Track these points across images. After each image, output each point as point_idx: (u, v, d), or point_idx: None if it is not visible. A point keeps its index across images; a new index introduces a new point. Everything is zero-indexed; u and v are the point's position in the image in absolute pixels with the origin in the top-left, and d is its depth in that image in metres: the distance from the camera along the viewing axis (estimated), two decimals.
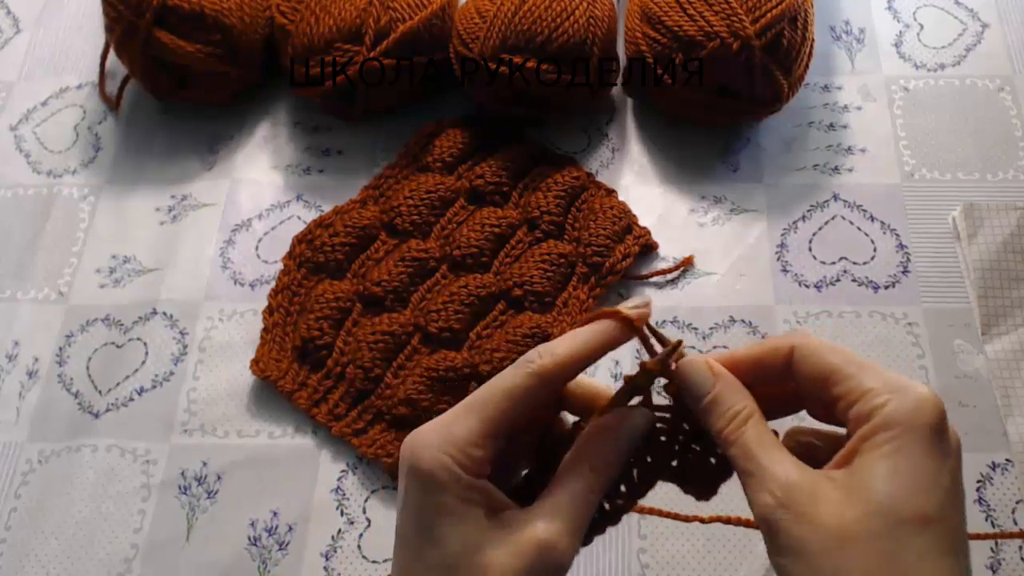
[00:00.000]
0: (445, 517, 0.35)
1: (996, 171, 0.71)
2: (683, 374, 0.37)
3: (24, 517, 0.62)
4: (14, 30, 0.86)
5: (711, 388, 0.37)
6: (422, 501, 0.36)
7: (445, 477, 0.35)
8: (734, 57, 0.65)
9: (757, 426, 0.36)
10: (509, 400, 0.36)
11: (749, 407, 0.36)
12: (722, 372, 0.37)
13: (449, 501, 0.35)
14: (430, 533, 0.35)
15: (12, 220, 0.75)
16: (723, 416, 0.36)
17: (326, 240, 0.69)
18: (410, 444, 0.36)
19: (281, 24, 0.73)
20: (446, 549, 0.35)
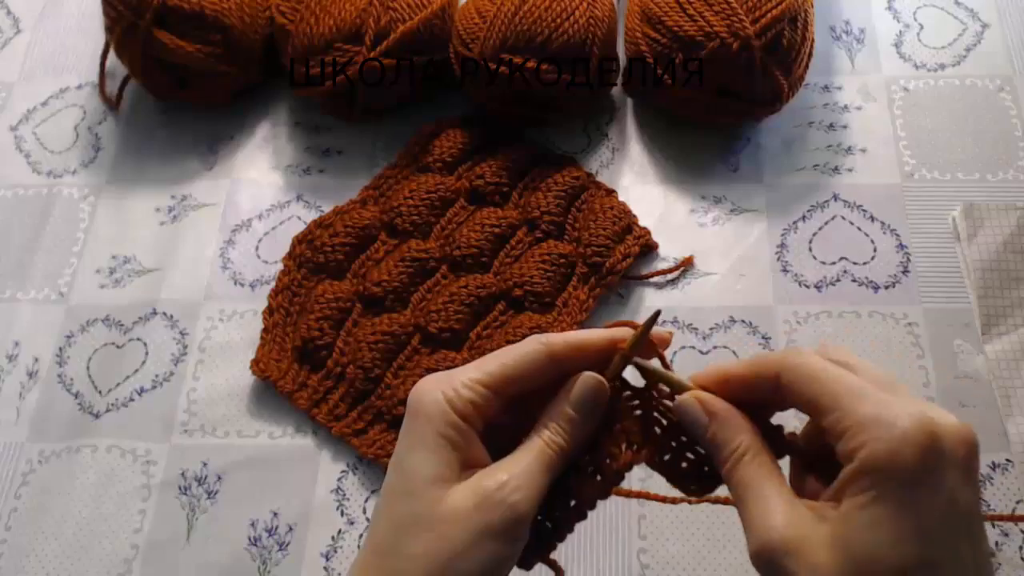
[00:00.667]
0: (419, 446, 0.37)
1: (996, 171, 0.71)
2: (680, 415, 0.38)
3: (24, 517, 0.62)
4: (14, 30, 0.86)
5: (706, 427, 0.37)
6: (406, 429, 0.38)
7: (432, 410, 0.37)
8: (734, 57, 0.65)
9: (752, 463, 0.36)
10: (510, 358, 0.38)
11: (744, 442, 0.36)
12: (716, 409, 0.37)
13: (428, 432, 0.36)
14: (401, 461, 0.37)
15: (12, 220, 0.75)
16: (720, 454, 0.37)
17: (326, 240, 0.69)
18: (416, 384, 0.38)
19: (281, 24, 0.73)
20: (409, 475, 0.36)
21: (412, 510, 0.36)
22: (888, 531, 0.31)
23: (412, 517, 0.36)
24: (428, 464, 0.36)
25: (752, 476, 0.35)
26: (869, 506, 0.31)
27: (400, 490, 0.37)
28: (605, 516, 0.59)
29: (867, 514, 0.31)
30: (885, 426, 0.32)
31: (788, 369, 0.35)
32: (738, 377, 0.38)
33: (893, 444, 0.31)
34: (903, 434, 0.31)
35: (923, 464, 0.31)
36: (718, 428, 0.37)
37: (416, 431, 0.37)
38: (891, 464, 0.31)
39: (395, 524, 0.36)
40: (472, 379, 0.37)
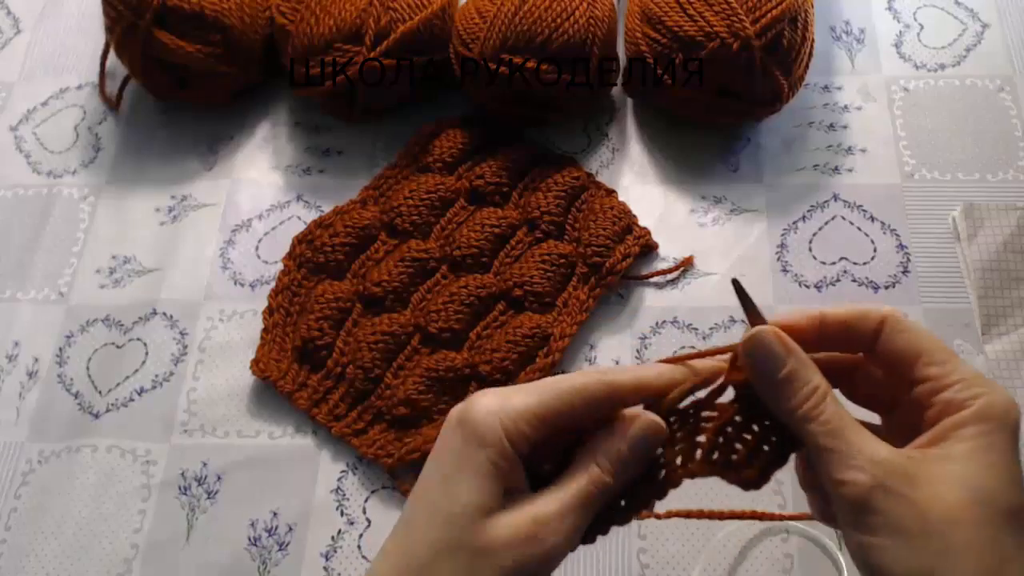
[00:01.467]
0: (471, 471, 0.36)
1: (996, 171, 0.71)
2: (753, 348, 0.36)
3: (24, 517, 0.62)
4: (14, 30, 0.86)
5: (785, 364, 0.36)
6: (459, 450, 0.36)
7: (489, 437, 0.36)
8: (734, 57, 0.65)
9: (836, 403, 0.35)
10: (573, 394, 0.37)
11: (825, 384, 0.36)
12: (795, 347, 0.36)
13: (482, 459, 0.36)
14: (450, 481, 0.36)
15: (12, 220, 0.75)
16: (799, 393, 0.35)
17: (326, 240, 0.69)
18: (469, 402, 0.37)
19: (281, 24, 0.73)
20: (456, 500, 0.36)
21: (453, 536, 0.35)
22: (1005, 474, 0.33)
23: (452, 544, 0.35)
24: (477, 493, 0.36)
25: (841, 414, 0.35)
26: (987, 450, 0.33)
27: (444, 512, 0.36)
28: None
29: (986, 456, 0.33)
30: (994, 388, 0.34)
31: (894, 319, 0.37)
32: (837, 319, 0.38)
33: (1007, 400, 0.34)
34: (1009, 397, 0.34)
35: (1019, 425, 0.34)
36: (798, 364, 0.36)
37: (469, 455, 0.36)
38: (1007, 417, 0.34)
39: (431, 546, 0.36)
40: (531, 411, 0.36)
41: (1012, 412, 0.34)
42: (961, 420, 0.34)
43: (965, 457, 0.33)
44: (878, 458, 0.33)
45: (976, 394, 0.34)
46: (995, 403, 0.34)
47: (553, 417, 0.37)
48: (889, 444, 0.35)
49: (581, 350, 0.66)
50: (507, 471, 0.36)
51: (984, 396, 0.34)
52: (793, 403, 0.35)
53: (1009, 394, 0.35)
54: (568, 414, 0.37)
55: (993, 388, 0.34)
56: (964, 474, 0.33)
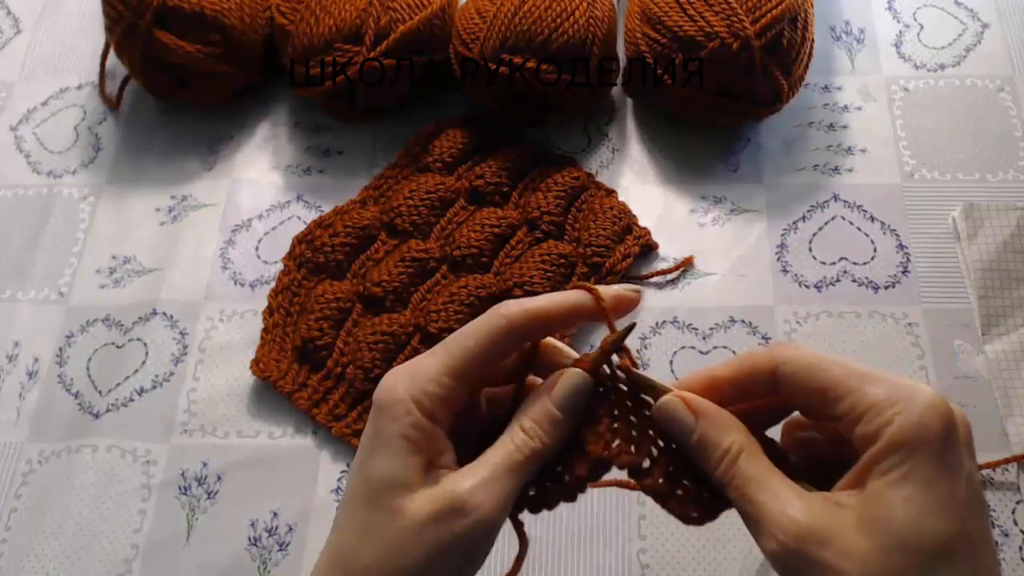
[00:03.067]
0: (382, 448, 0.35)
1: (996, 171, 0.71)
2: (662, 417, 0.35)
3: (24, 517, 0.62)
4: (14, 30, 0.86)
5: (694, 429, 0.35)
6: (371, 429, 0.36)
7: (397, 410, 0.35)
8: (734, 57, 0.65)
9: (751, 461, 0.33)
10: (474, 339, 0.36)
11: (738, 441, 0.34)
12: (703, 408, 0.35)
13: (391, 433, 0.35)
14: (365, 463, 0.35)
15: (12, 220, 0.75)
16: (712, 457, 0.34)
17: (326, 240, 0.69)
18: (382, 380, 0.36)
19: (281, 24, 0.73)
20: (372, 481, 0.35)
21: (372, 518, 0.34)
22: (924, 506, 0.30)
23: (371, 525, 0.34)
24: (390, 468, 0.34)
25: (756, 473, 0.33)
26: (902, 483, 0.30)
27: (361, 495, 0.35)
28: (605, 516, 0.59)
29: (901, 491, 0.30)
30: (907, 401, 0.31)
31: (786, 361, 0.34)
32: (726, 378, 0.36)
33: (920, 417, 0.31)
34: (927, 406, 0.31)
35: (948, 435, 0.31)
36: (707, 427, 0.34)
37: (380, 432, 0.35)
38: (921, 436, 0.30)
39: (354, 531, 0.35)
40: (438, 372, 0.35)
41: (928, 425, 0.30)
42: (876, 454, 0.31)
43: (881, 497, 0.31)
44: (787, 523, 0.31)
45: (885, 420, 0.31)
46: (905, 424, 0.31)
47: (462, 370, 0.35)
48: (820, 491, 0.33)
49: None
50: (423, 443, 0.35)
51: (894, 419, 0.31)
52: (709, 467, 0.34)
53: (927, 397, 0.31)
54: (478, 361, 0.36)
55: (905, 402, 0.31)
56: (882, 516, 0.30)
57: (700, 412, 0.35)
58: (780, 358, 0.34)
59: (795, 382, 0.34)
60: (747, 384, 0.35)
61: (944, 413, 0.31)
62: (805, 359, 0.34)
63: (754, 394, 0.36)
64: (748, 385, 0.36)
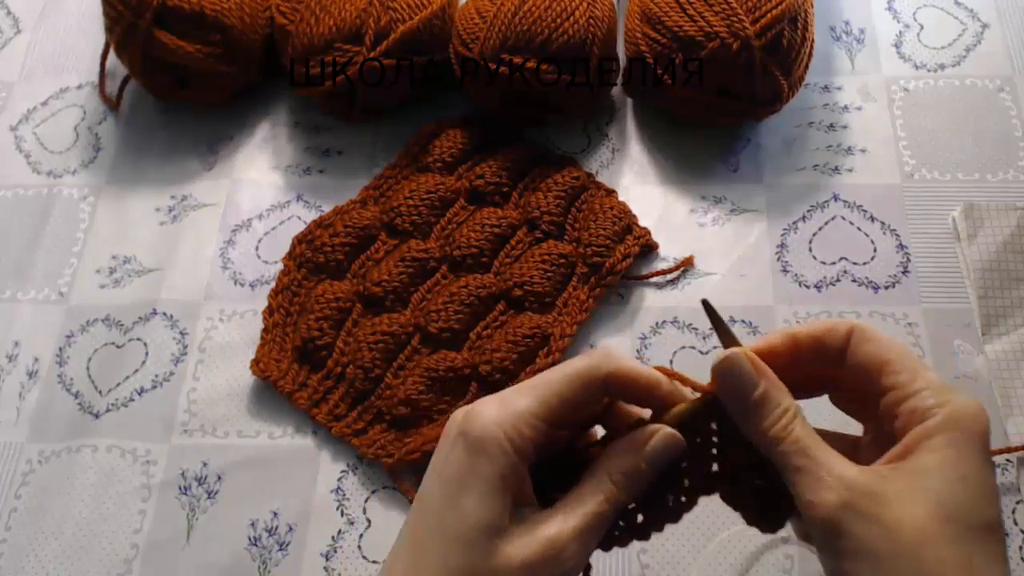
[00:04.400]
0: (479, 488, 0.34)
1: (996, 171, 0.71)
2: (726, 371, 0.36)
3: (24, 517, 0.62)
4: (14, 30, 0.86)
5: (757, 385, 0.36)
6: (464, 465, 0.35)
7: (494, 449, 0.35)
8: (734, 57, 0.65)
9: (805, 425, 0.35)
10: (569, 384, 0.36)
11: (795, 405, 0.36)
12: (766, 369, 0.36)
13: (490, 474, 0.34)
14: (458, 501, 0.35)
15: (12, 220, 0.75)
16: (771, 414, 0.35)
17: (326, 240, 0.69)
18: (466, 411, 0.36)
19: (281, 24, 0.73)
20: (468, 520, 0.34)
21: (468, 559, 0.34)
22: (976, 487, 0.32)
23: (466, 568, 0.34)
24: (487, 511, 0.34)
25: (810, 434, 0.35)
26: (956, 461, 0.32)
27: (454, 534, 0.35)
28: None
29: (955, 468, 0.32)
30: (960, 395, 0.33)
31: (860, 329, 0.36)
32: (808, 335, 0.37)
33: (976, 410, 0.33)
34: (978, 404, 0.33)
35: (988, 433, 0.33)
36: (770, 386, 0.36)
37: (475, 470, 0.35)
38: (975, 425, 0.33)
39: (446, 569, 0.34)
40: (532, 414, 0.35)
41: (980, 419, 0.33)
42: (929, 429, 0.33)
43: (935, 470, 0.32)
44: (846, 478, 0.33)
45: (942, 401, 0.33)
46: (962, 410, 0.33)
47: (551, 412, 0.36)
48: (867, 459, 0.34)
49: (581, 350, 0.66)
50: (513, 483, 0.35)
51: (950, 403, 0.33)
52: (765, 424, 0.35)
53: (977, 402, 0.34)
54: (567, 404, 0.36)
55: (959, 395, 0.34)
56: (935, 488, 0.32)
57: (763, 371, 0.36)
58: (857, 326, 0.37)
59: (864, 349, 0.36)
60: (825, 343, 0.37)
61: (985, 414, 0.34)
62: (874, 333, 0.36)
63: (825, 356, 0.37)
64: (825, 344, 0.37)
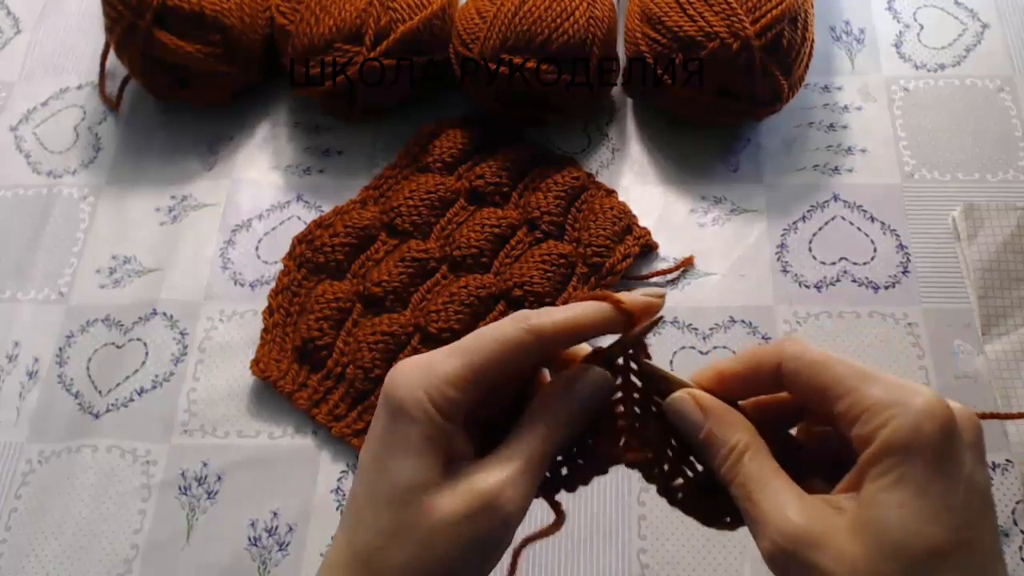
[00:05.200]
0: (403, 450, 0.34)
1: (996, 171, 0.71)
2: (671, 413, 0.36)
3: (24, 517, 0.62)
4: (14, 30, 0.86)
5: (702, 425, 0.35)
6: (387, 430, 0.35)
7: (416, 412, 0.34)
8: (734, 57, 0.65)
9: (755, 460, 0.34)
10: (498, 350, 0.35)
11: (743, 440, 0.35)
12: (711, 406, 0.36)
13: (412, 436, 0.34)
14: (385, 464, 0.35)
15: (12, 220, 0.75)
16: (718, 454, 0.35)
17: (326, 240, 0.69)
18: (391, 374, 0.36)
19: (281, 24, 0.73)
20: (396, 482, 0.34)
21: (399, 519, 0.34)
22: (918, 512, 0.30)
23: (398, 526, 0.34)
24: (414, 470, 0.34)
25: (757, 472, 0.34)
26: (895, 487, 0.30)
27: (384, 496, 0.35)
28: (605, 516, 0.59)
29: (894, 496, 0.30)
30: (904, 404, 0.31)
31: (789, 358, 0.34)
32: (733, 372, 0.36)
33: (915, 420, 0.30)
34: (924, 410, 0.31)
35: (945, 440, 0.30)
36: (715, 425, 0.35)
37: (399, 433, 0.35)
38: (915, 441, 0.30)
39: (380, 532, 0.35)
40: (457, 376, 0.35)
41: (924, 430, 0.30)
42: (871, 456, 0.31)
43: (874, 502, 0.31)
44: (782, 524, 0.32)
45: (881, 422, 0.31)
46: (900, 428, 0.30)
47: (479, 375, 0.35)
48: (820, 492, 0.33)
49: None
50: (442, 442, 0.35)
51: (889, 422, 0.31)
52: (714, 464, 0.35)
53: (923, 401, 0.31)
54: (495, 369, 0.35)
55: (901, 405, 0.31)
56: (874, 521, 0.30)
57: (709, 410, 0.35)
58: (785, 354, 0.35)
59: (797, 379, 0.34)
60: (753, 379, 0.36)
61: (941, 416, 0.31)
62: (810, 356, 0.34)
63: (760, 390, 0.36)
64: (754, 380, 0.36)
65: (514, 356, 0.35)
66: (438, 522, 0.34)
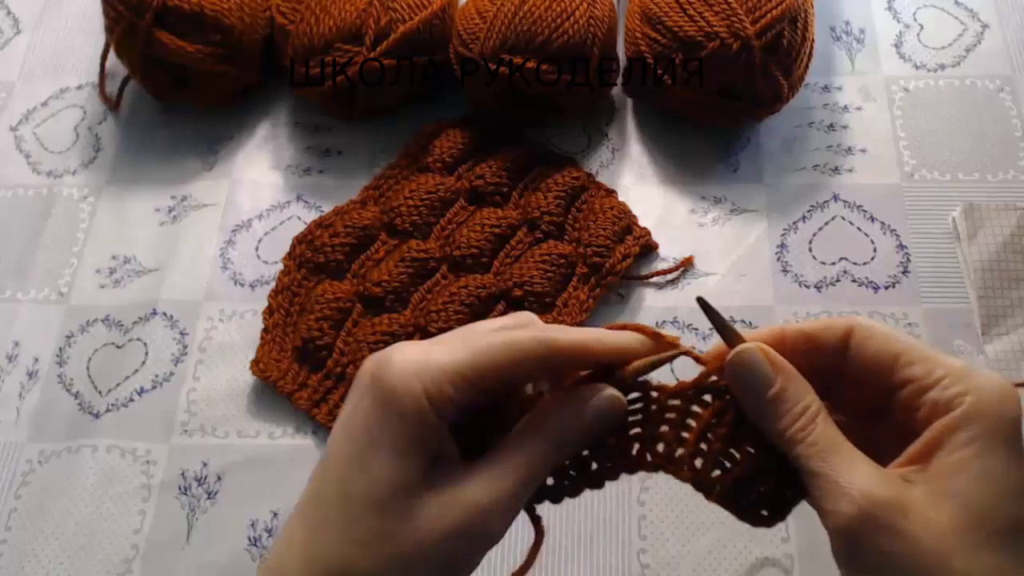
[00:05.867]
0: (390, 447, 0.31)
1: (996, 171, 0.71)
2: (738, 366, 0.33)
3: (24, 518, 0.62)
4: (14, 31, 0.86)
5: (772, 382, 0.33)
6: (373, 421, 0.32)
7: (410, 405, 0.31)
8: (734, 57, 0.65)
9: (827, 423, 0.32)
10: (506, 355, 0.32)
11: (817, 402, 0.33)
12: (783, 363, 0.33)
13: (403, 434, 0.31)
14: (367, 460, 0.31)
15: (12, 220, 0.75)
16: (789, 413, 0.32)
17: (326, 240, 0.69)
18: (382, 358, 0.32)
19: (281, 24, 0.73)
20: (378, 482, 0.31)
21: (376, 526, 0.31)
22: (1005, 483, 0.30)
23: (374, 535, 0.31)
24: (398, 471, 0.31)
25: (834, 436, 0.32)
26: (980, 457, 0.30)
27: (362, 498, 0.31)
28: (605, 516, 0.59)
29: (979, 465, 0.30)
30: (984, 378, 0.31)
31: (862, 326, 0.34)
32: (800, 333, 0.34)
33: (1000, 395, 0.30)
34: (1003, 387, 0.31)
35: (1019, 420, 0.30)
36: (786, 382, 0.33)
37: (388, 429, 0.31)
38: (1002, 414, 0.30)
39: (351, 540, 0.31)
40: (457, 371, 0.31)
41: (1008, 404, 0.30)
42: (951, 424, 0.30)
43: (959, 469, 0.30)
44: (867, 486, 0.30)
45: (964, 390, 0.31)
46: (985, 399, 0.30)
47: (482, 378, 0.32)
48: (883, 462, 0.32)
49: None
50: (431, 442, 0.31)
51: (973, 392, 0.30)
52: (782, 424, 0.33)
53: (1004, 382, 0.31)
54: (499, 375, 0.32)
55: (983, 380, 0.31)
56: (959, 490, 0.30)
57: (780, 367, 0.33)
58: (857, 322, 0.34)
59: (867, 344, 0.33)
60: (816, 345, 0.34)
61: (1016, 399, 0.31)
62: (878, 326, 0.34)
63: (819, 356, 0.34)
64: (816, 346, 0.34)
65: (521, 365, 0.33)
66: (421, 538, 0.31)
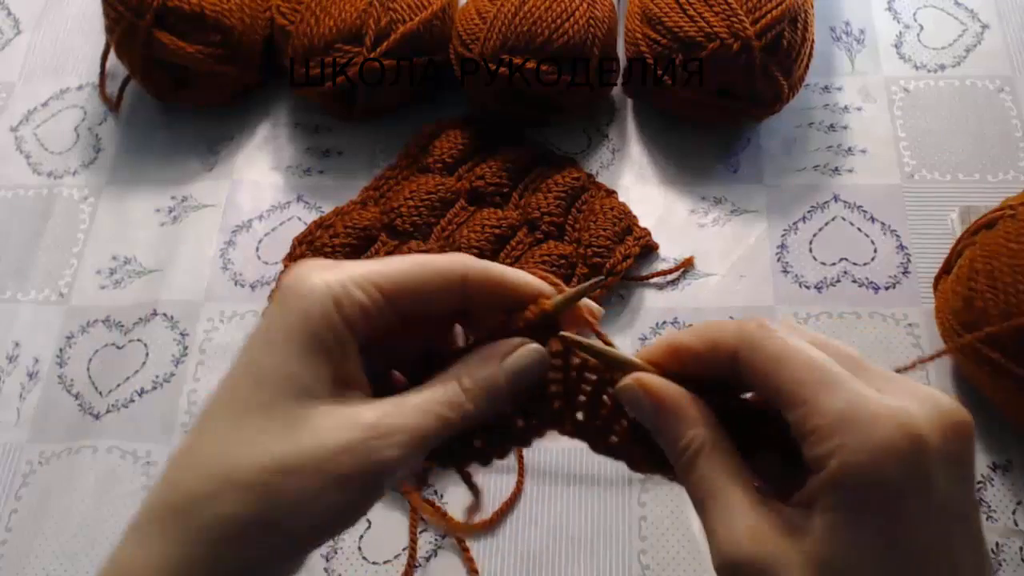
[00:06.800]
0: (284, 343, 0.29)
1: (996, 172, 0.71)
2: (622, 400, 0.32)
3: (24, 518, 0.62)
4: (14, 31, 0.86)
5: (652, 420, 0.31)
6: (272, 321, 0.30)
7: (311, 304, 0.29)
8: (734, 58, 0.65)
9: (709, 462, 0.30)
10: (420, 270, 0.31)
11: (699, 436, 0.30)
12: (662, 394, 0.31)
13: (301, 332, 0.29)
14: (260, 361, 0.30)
15: (12, 221, 0.75)
16: (674, 448, 0.31)
17: (326, 241, 0.69)
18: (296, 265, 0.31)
19: (281, 25, 0.73)
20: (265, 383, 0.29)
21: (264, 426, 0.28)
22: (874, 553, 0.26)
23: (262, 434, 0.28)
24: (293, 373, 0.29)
25: (709, 478, 0.30)
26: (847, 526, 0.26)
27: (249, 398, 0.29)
28: (605, 516, 0.59)
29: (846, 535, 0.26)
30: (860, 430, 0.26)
31: (748, 347, 0.29)
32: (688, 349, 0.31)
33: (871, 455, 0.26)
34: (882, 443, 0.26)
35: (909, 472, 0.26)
36: (664, 420, 0.31)
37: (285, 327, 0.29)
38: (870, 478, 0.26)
39: (233, 441, 0.29)
40: (367, 279, 0.30)
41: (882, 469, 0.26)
42: (819, 486, 0.27)
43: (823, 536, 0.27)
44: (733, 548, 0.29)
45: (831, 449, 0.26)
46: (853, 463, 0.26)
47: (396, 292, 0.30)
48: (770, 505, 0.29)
49: None
50: (335, 350, 0.29)
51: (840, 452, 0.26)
52: (672, 456, 0.31)
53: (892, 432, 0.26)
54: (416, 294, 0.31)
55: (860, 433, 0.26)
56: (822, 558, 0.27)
57: (661, 400, 0.31)
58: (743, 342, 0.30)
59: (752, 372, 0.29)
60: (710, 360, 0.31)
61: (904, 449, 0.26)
62: (770, 349, 0.29)
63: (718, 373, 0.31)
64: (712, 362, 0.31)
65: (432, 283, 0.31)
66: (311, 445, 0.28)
